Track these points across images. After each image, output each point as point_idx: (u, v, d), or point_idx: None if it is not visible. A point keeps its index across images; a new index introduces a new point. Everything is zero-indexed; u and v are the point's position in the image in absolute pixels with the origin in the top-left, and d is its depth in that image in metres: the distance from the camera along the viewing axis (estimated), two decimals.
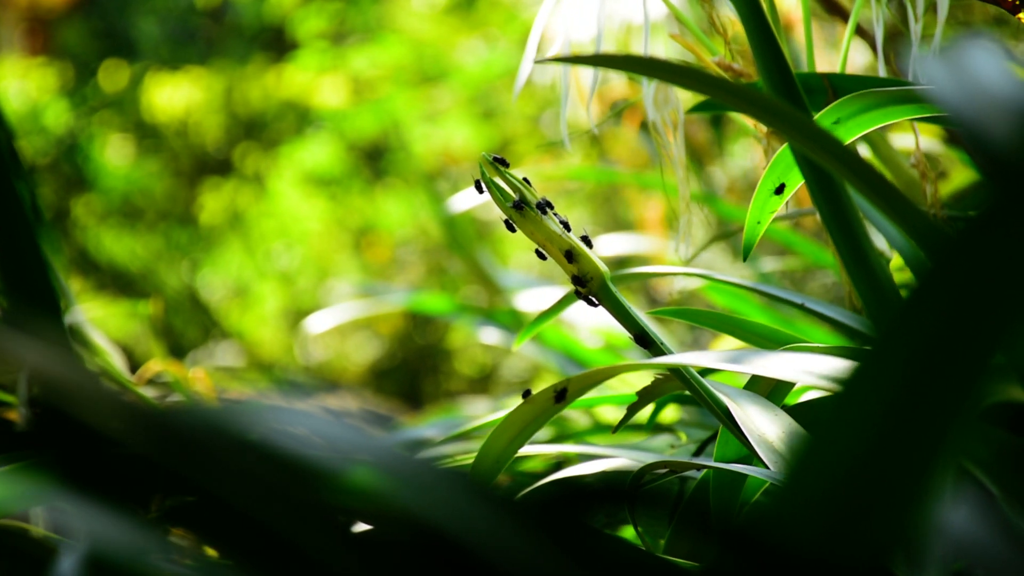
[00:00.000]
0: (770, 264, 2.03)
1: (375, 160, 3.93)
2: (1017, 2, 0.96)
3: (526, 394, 0.83)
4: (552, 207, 0.82)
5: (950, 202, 1.29)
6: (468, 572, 0.45)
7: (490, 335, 2.04)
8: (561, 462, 1.22)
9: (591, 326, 1.85)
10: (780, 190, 0.88)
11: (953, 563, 0.51)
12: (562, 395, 0.82)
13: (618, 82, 2.63)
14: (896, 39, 1.28)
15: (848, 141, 0.84)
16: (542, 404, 0.83)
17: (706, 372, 0.95)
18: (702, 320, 1.01)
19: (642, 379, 0.91)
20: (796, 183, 0.89)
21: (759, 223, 0.90)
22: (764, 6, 0.88)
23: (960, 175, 1.37)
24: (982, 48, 0.53)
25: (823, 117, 0.83)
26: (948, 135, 1.23)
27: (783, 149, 0.88)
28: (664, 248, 2.21)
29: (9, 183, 0.59)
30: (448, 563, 0.45)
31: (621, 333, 1.78)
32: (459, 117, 3.62)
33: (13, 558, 0.60)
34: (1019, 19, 0.96)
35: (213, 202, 3.97)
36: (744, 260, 0.92)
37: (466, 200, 1.93)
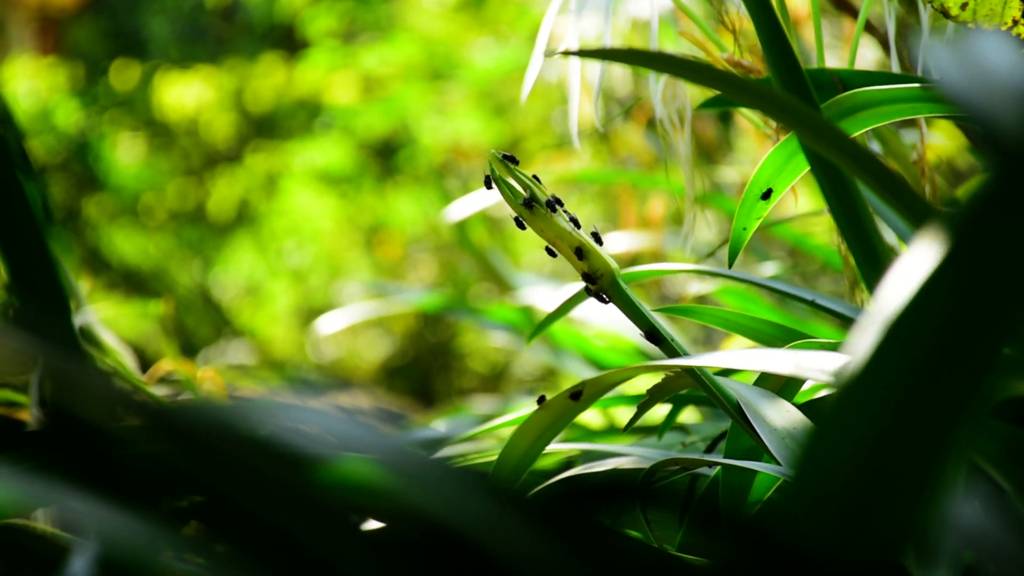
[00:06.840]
0: (771, 268, 2.01)
1: (386, 158, 3.93)
2: None
3: (541, 400, 0.82)
4: (562, 204, 0.82)
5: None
6: (479, 570, 0.45)
7: (501, 334, 2.03)
8: (572, 461, 1.21)
9: (598, 329, 1.84)
10: (767, 195, 0.88)
11: (963, 558, 0.51)
12: (577, 397, 0.81)
13: (626, 80, 2.62)
14: (906, 33, 1.28)
15: (855, 134, 0.84)
16: (558, 409, 0.83)
17: (718, 370, 0.95)
18: (711, 319, 1.00)
19: (652, 377, 0.90)
20: (784, 187, 0.88)
21: (745, 229, 0.89)
22: (773, 1, 0.88)
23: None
24: (991, 37, 0.52)
25: (830, 110, 0.83)
26: (971, 142, 1.23)
27: (769, 154, 0.87)
28: (669, 246, 2.20)
29: (18, 184, 0.59)
30: (459, 561, 0.45)
31: (630, 335, 1.78)
32: (469, 114, 3.62)
33: (24, 557, 0.61)
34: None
35: (224, 199, 3.97)
36: (729, 267, 0.91)
37: (475, 199, 1.92)
